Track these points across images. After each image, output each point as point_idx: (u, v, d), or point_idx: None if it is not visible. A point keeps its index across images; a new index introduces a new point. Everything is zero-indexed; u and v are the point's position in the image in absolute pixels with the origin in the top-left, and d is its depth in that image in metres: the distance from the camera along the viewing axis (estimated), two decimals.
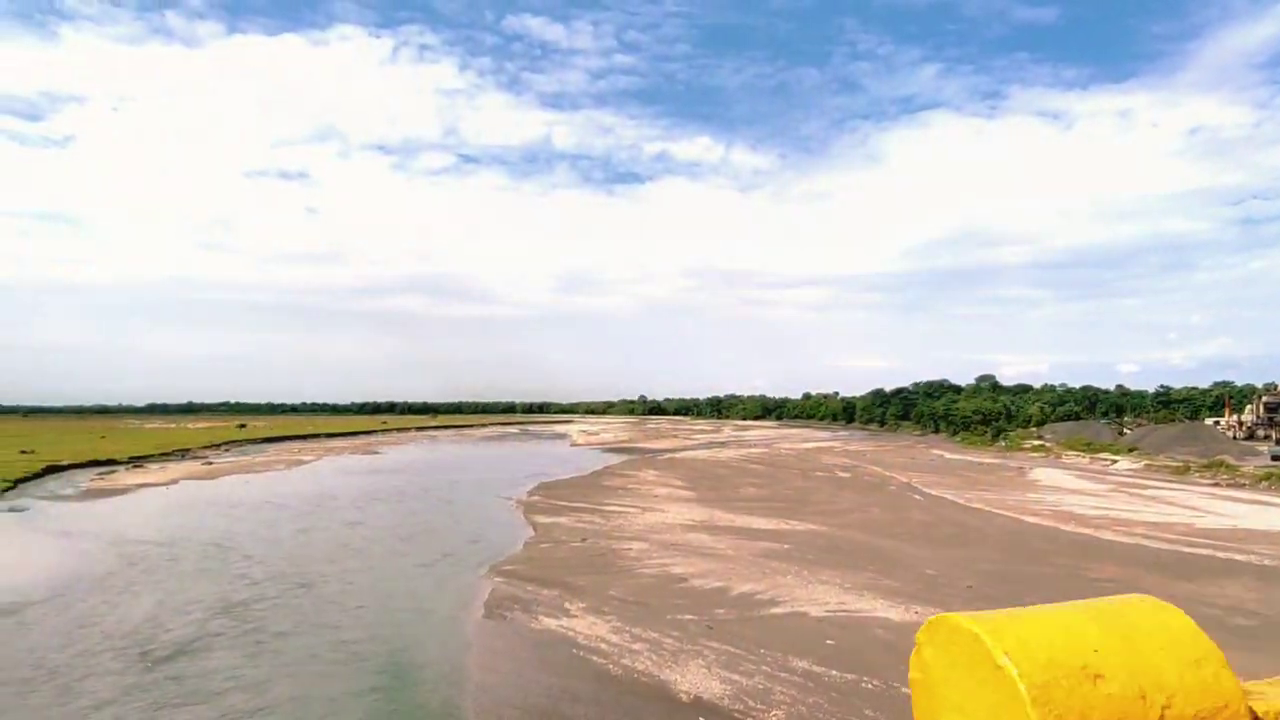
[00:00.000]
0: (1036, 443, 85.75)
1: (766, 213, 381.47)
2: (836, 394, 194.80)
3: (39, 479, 56.39)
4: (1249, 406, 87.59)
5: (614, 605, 21.63)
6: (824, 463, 70.16)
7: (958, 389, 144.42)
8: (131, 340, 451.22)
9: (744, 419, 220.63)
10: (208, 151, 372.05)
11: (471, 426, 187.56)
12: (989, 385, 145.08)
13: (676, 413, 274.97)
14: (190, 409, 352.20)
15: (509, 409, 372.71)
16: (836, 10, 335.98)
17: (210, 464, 71.92)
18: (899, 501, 43.45)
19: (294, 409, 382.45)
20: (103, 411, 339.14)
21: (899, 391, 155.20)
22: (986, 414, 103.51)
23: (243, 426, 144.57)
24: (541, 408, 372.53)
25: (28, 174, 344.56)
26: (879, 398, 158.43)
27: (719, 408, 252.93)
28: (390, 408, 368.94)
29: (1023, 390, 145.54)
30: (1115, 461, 64.89)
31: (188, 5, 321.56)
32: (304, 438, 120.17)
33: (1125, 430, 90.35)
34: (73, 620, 20.14)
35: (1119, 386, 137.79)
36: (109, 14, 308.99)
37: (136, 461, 72.02)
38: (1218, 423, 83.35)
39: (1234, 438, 73.45)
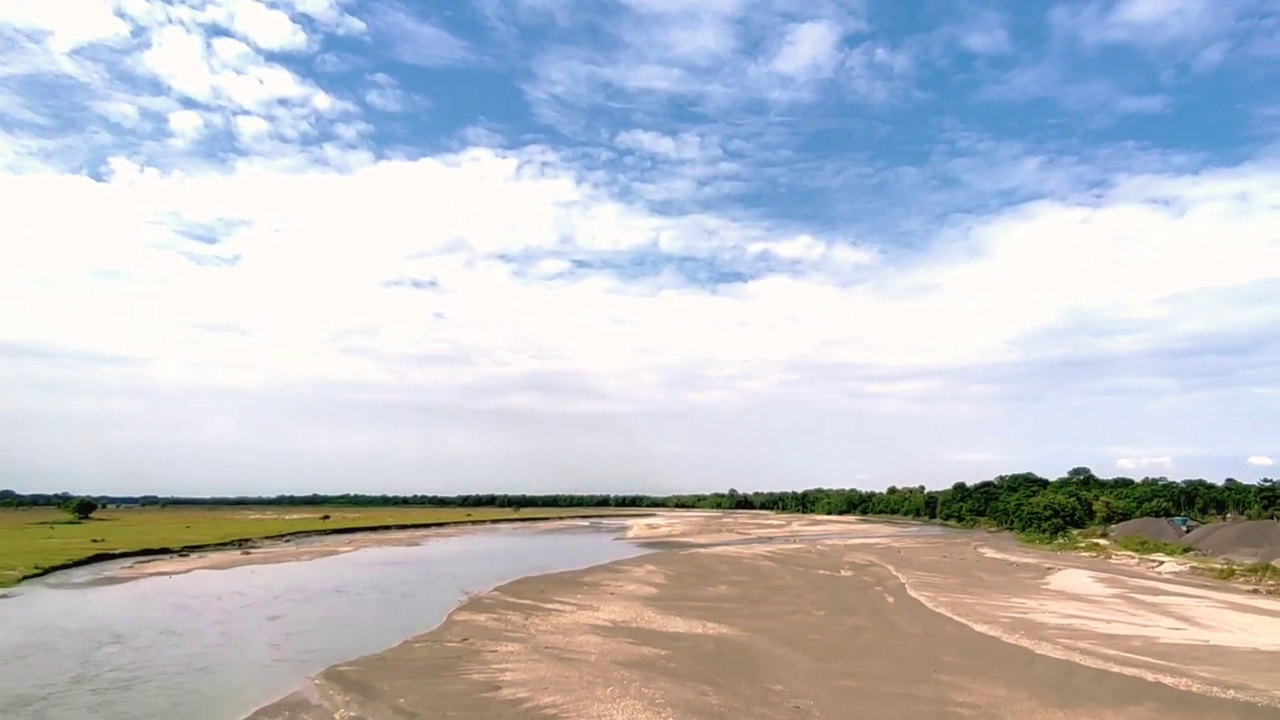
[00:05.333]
0: (1094, 541, 76.99)
1: (868, 307, 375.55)
2: (922, 488, 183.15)
3: (79, 566, 60.44)
4: None
5: (383, 716, 20.43)
6: (843, 560, 65.41)
7: (1044, 483, 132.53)
8: (276, 437, 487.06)
9: (828, 513, 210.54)
10: (351, 265, 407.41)
11: (548, 519, 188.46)
12: (1080, 479, 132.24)
13: (763, 506, 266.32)
14: (314, 501, 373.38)
15: (603, 501, 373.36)
16: (935, 111, 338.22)
17: (248, 553, 75.22)
18: (861, 605, 39.57)
19: (405, 501, 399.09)
20: (239, 503, 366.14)
21: (983, 485, 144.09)
22: (1059, 510, 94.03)
23: (326, 518, 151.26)
24: (634, 501, 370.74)
25: (202, 290, 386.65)
26: (959, 492, 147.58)
27: (804, 502, 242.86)
28: (490, 500, 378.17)
29: (1122, 484, 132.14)
30: (1163, 563, 56.91)
31: (342, 138, 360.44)
32: (373, 529, 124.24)
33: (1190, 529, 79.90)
34: None
35: (1229, 480, 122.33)
36: (279, 149, 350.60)
37: (188, 550, 76.32)
38: None
39: None
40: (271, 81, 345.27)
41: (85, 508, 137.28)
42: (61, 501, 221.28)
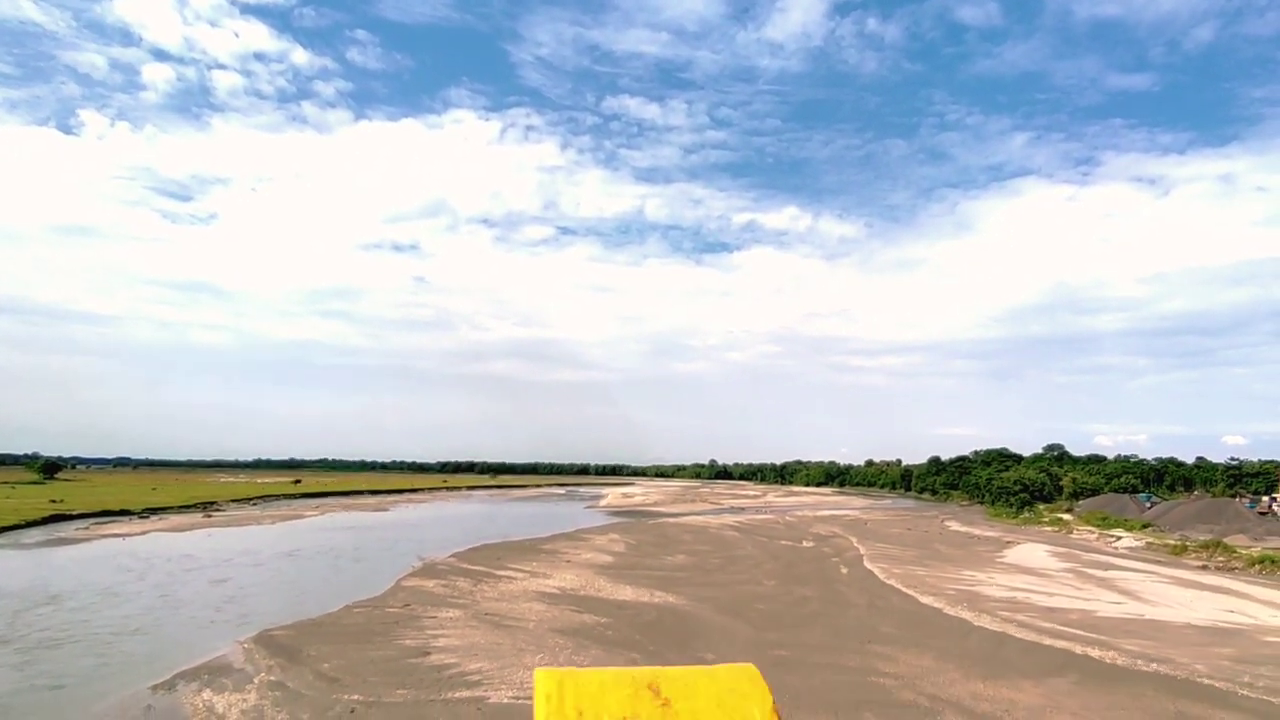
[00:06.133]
0: (1058, 516, 78.19)
1: (853, 280, 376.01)
2: (899, 462, 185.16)
3: (32, 527, 59.48)
4: None
5: (303, 680, 20.13)
6: (808, 531, 65.83)
7: (1018, 458, 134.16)
8: (254, 400, 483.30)
9: (806, 485, 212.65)
10: (331, 226, 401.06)
11: (524, 487, 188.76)
12: (1053, 455, 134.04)
13: (742, 477, 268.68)
14: (291, 465, 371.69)
15: (583, 470, 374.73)
16: (924, 83, 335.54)
17: (210, 516, 74.52)
18: (814, 575, 39.71)
19: (384, 466, 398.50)
20: (215, 466, 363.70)
21: (958, 460, 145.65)
22: (1028, 485, 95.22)
23: (297, 482, 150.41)
24: (615, 470, 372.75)
25: (176, 249, 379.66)
26: (934, 466, 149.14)
27: (783, 474, 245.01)
28: (470, 467, 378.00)
29: (1095, 460, 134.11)
30: (1120, 539, 57.80)
31: (321, 96, 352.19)
32: (344, 494, 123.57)
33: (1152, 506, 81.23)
34: None
35: (1199, 458, 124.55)
36: (255, 105, 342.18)
37: (149, 513, 75.39)
38: (1274, 499, 73.33)
39: None
40: (247, 35, 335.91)
41: (50, 468, 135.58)
42: (30, 461, 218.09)
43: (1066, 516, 79.90)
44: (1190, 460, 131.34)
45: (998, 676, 20.34)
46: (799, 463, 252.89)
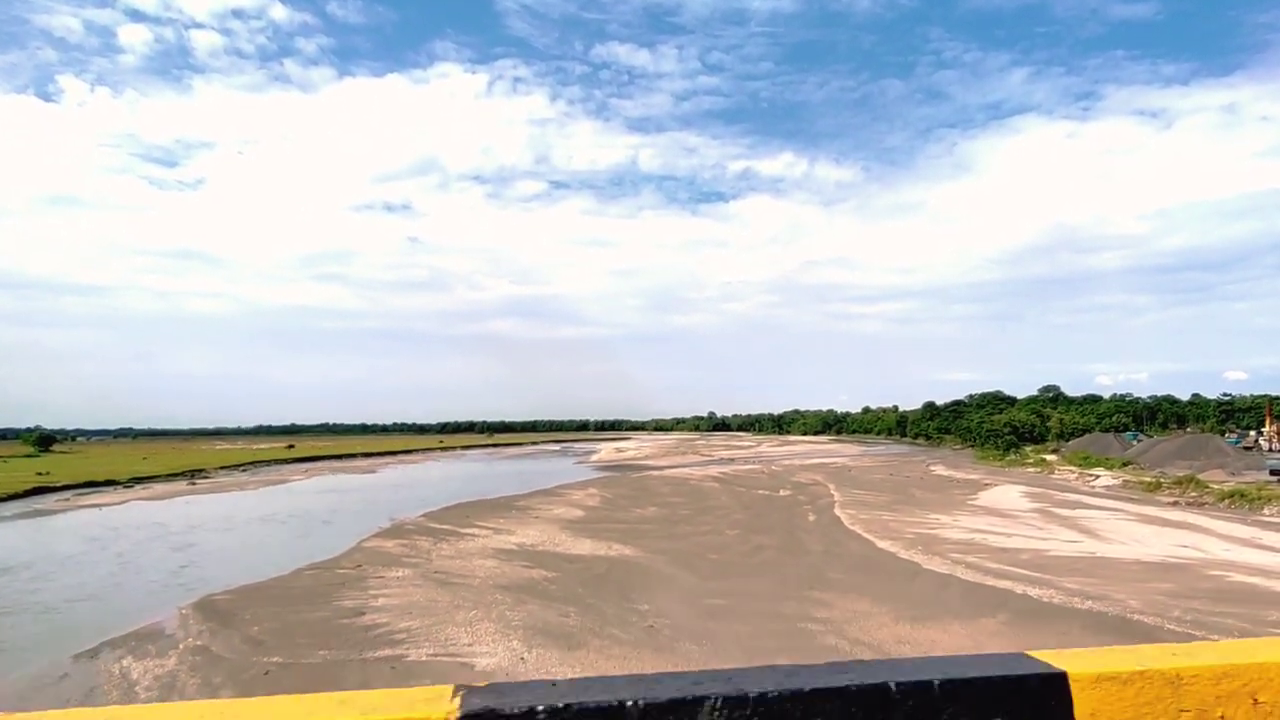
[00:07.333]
0: (1042, 457, 78.46)
1: (851, 226, 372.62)
2: (896, 408, 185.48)
3: (12, 500, 59.49)
4: None
5: (229, 645, 20.02)
6: (789, 480, 65.97)
7: (1013, 400, 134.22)
8: (253, 367, 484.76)
9: (804, 434, 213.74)
10: (320, 188, 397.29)
11: (520, 445, 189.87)
12: (1049, 396, 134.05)
13: (740, 428, 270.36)
14: (291, 430, 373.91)
15: (582, 426, 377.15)
16: (920, 20, 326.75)
17: (194, 484, 74.82)
18: (780, 524, 39.65)
19: (384, 429, 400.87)
20: (216, 434, 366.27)
21: (953, 404, 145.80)
22: (1017, 427, 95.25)
23: (291, 447, 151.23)
24: (614, 425, 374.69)
25: (166, 216, 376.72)
26: (929, 411, 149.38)
27: (780, 424, 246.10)
28: (470, 427, 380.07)
29: (1091, 400, 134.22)
30: (1098, 477, 57.87)
31: (304, 53, 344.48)
32: (337, 457, 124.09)
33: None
34: None
35: (1194, 395, 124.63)
36: (236, 65, 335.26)
37: (134, 482, 75.67)
38: (1260, 434, 73.26)
39: (1270, 449, 64.17)
40: None
41: (45, 440, 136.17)
42: (30, 435, 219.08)
43: (1051, 457, 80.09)
44: (1188, 397, 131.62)
45: (929, 619, 20.18)
46: (796, 412, 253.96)
